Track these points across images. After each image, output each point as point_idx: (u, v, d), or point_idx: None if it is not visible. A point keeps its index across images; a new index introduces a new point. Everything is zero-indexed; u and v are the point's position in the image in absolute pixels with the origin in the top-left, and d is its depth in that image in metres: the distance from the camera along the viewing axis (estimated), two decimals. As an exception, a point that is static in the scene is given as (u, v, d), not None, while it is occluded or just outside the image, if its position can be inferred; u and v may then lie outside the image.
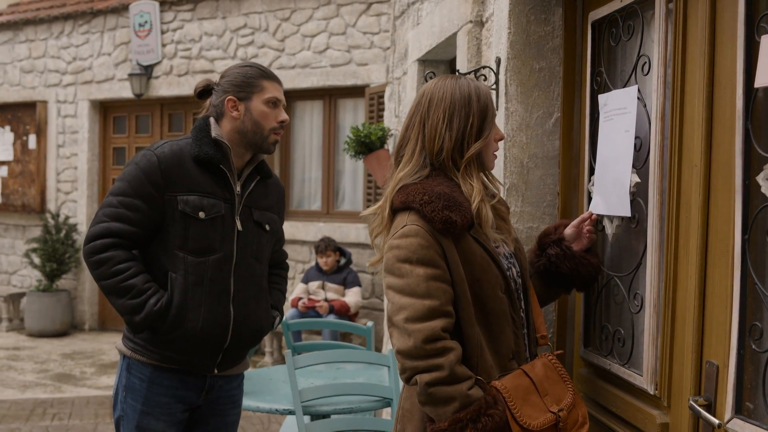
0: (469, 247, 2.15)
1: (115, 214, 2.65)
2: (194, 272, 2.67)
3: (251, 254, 2.80)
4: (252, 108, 2.74)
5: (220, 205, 2.71)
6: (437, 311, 2.06)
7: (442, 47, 4.15)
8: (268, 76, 2.79)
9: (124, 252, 2.65)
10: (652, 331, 2.31)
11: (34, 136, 10.52)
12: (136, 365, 2.74)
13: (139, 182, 2.65)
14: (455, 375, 2.03)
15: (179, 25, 9.38)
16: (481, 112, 2.21)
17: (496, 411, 2.04)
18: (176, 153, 2.69)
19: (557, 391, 2.24)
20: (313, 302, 7.43)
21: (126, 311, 2.64)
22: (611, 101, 2.52)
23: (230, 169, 2.75)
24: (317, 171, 8.82)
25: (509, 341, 2.21)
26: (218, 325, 2.70)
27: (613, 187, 2.47)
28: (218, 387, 2.84)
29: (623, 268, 2.53)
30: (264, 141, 2.77)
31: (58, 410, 6.55)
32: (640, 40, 2.43)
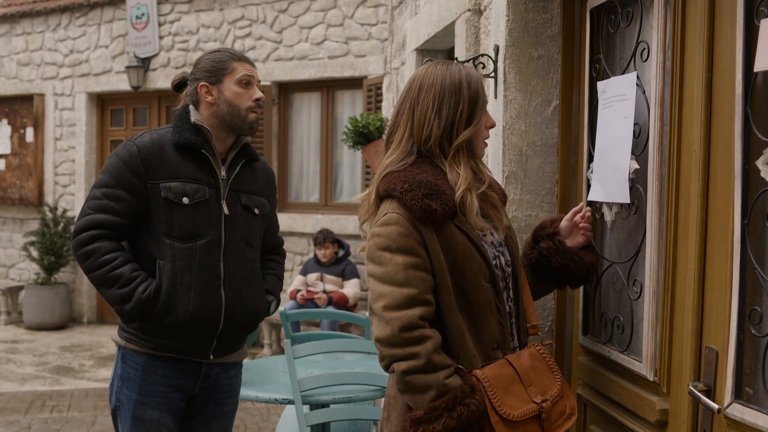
0: (452, 236, 2.13)
1: (99, 206, 2.67)
2: (182, 258, 2.67)
3: (241, 238, 2.80)
4: (225, 90, 2.74)
5: (204, 190, 2.71)
6: (415, 300, 2.06)
7: (440, 36, 4.15)
8: (238, 57, 2.80)
9: (110, 243, 2.66)
10: (651, 318, 2.31)
11: (31, 129, 10.50)
12: (131, 355, 2.74)
13: (120, 173, 2.66)
14: (432, 363, 2.03)
15: (176, 17, 9.36)
16: (472, 99, 2.18)
17: (472, 400, 2.03)
18: (156, 141, 2.70)
19: (543, 381, 2.22)
20: (312, 294, 7.43)
21: (115, 301, 2.65)
22: (610, 88, 2.52)
23: (212, 153, 2.75)
24: (315, 163, 8.82)
25: (493, 330, 2.18)
26: (210, 309, 2.70)
27: (612, 174, 2.46)
28: (215, 375, 2.83)
29: (622, 255, 2.53)
30: (243, 121, 2.76)
31: (57, 403, 6.55)
32: (639, 27, 2.42)
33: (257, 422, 6.04)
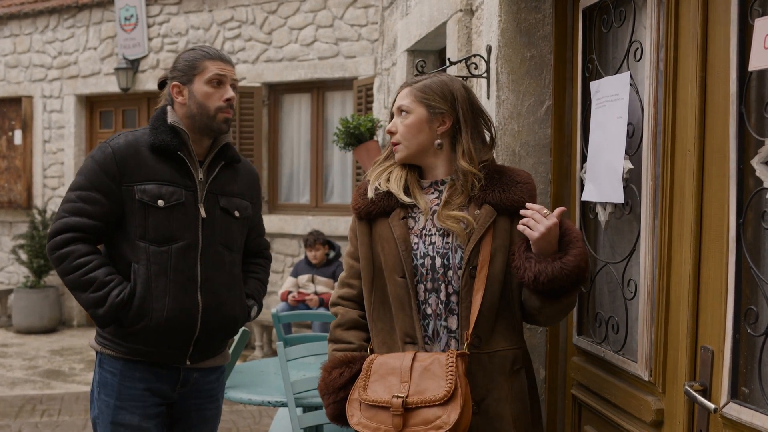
0: (381, 230, 2.37)
1: (73, 209, 2.63)
2: (157, 262, 2.62)
3: (219, 242, 2.74)
4: (194, 90, 2.68)
5: (181, 193, 2.66)
6: (342, 281, 2.49)
7: (431, 37, 4.14)
8: (211, 55, 2.71)
9: (85, 246, 2.62)
10: (646, 318, 2.30)
11: (20, 131, 10.44)
12: (108, 360, 2.70)
13: (95, 175, 2.62)
14: (333, 335, 2.48)
15: (165, 18, 9.32)
16: None
17: (335, 370, 2.36)
18: (131, 143, 2.65)
19: (425, 384, 2.20)
20: (303, 296, 7.41)
21: (89, 305, 2.60)
22: (603, 88, 2.51)
23: (189, 155, 2.69)
24: (306, 164, 8.80)
25: (404, 325, 2.32)
26: (185, 314, 2.65)
27: (605, 174, 2.46)
28: (194, 380, 2.78)
29: (616, 255, 2.53)
30: (212, 122, 2.69)
31: (48, 407, 6.51)
32: (632, 26, 2.42)
33: (249, 425, 6.02)
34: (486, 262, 2.27)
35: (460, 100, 2.35)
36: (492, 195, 2.31)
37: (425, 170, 2.42)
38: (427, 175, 2.42)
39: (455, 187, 2.34)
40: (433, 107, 2.35)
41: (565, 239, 2.24)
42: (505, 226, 2.31)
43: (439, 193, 2.38)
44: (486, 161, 2.36)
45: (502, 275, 2.29)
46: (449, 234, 2.31)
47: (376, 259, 2.38)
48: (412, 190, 2.38)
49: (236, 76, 2.76)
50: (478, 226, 2.28)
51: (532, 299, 2.29)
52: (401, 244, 2.32)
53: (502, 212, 2.31)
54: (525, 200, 2.31)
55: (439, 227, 2.32)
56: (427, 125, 2.35)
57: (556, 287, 2.20)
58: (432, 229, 2.33)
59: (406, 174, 2.40)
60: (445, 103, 2.35)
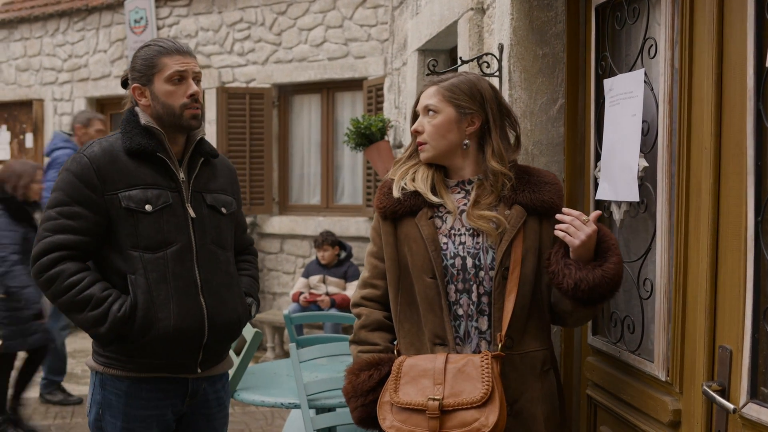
0: (408, 231, 2.33)
1: (56, 227, 2.48)
2: (154, 269, 2.49)
3: (212, 241, 2.63)
4: (156, 90, 2.54)
5: (167, 195, 2.54)
6: (365, 282, 2.46)
7: (442, 36, 4.12)
8: (167, 50, 2.56)
9: (74, 264, 2.47)
10: (662, 317, 2.28)
11: (30, 134, 10.47)
12: (111, 380, 2.55)
13: (74, 188, 2.48)
14: (358, 337, 2.44)
15: (175, 20, 9.33)
16: None
17: (363, 373, 2.33)
18: (107, 150, 2.52)
19: (462, 386, 2.19)
20: (315, 296, 7.40)
21: (89, 325, 2.46)
22: (617, 85, 2.49)
23: (168, 155, 2.57)
24: (316, 165, 8.79)
25: (434, 327, 2.29)
26: (192, 319, 2.53)
27: (620, 173, 2.44)
28: (202, 390, 2.67)
29: (632, 254, 2.51)
30: (180, 120, 2.56)
31: (60, 409, 6.51)
32: (646, 23, 2.40)
33: (261, 426, 6.01)
34: (518, 263, 2.26)
35: (488, 99, 2.33)
36: (522, 195, 2.30)
37: (451, 170, 2.39)
38: (452, 175, 2.39)
39: (484, 186, 2.32)
40: (462, 107, 2.32)
41: (602, 245, 2.23)
42: (535, 226, 2.30)
43: (465, 192, 2.36)
44: (513, 161, 2.35)
45: (533, 276, 2.29)
46: (479, 234, 2.29)
47: (402, 259, 2.35)
48: (438, 190, 2.34)
49: (198, 67, 2.61)
50: (510, 227, 2.26)
51: (564, 303, 2.29)
52: (430, 244, 2.29)
53: (532, 213, 2.30)
54: (554, 201, 2.31)
55: (468, 227, 2.30)
56: (455, 125, 2.32)
57: (595, 295, 2.20)
58: (461, 229, 2.31)
59: (432, 173, 2.37)
60: (474, 103, 2.32)
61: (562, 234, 2.22)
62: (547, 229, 2.32)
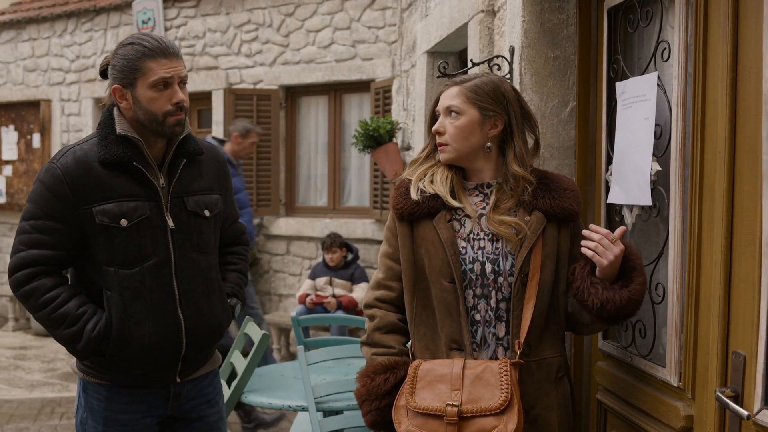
0: (425, 232, 2.30)
1: (29, 241, 2.40)
2: (129, 285, 2.41)
3: (192, 248, 2.52)
4: (139, 96, 2.39)
5: (144, 207, 2.42)
6: (379, 283, 2.42)
7: (452, 38, 4.11)
8: (153, 53, 2.38)
9: (49, 279, 2.41)
10: (675, 322, 2.27)
11: (38, 135, 10.48)
12: (92, 386, 2.52)
13: (47, 201, 2.39)
14: (371, 339, 2.41)
15: (183, 21, 9.33)
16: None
17: (378, 377, 2.30)
18: (81, 160, 2.39)
19: (480, 392, 2.17)
20: (321, 298, 7.38)
21: (65, 341, 2.41)
22: (629, 89, 2.48)
23: (146, 163, 2.44)
24: (323, 167, 8.78)
25: (450, 331, 2.26)
26: (169, 335, 2.47)
27: (632, 176, 2.42)
28: (186, 392, 2.60)
29: (644, 258, 2.49)
30: (162, 127, 2.41)
31: (66, 409, 6.51)
32: (660, 26, 2.39)
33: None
34: (537, 269, 2.24)
35: (511, 102, 2.30)
36: (543, 201, 2.28)
37: (470, 172, 2.36)
38: (471, 177, 2.36)
39: (503, 190, 2.30)
40: (485, 109, 2.29)
41: (628, 264, 2.22)
42: (553, 233, 2.28)
43: (484, 196, 2.33)
44: (530, 165, 2.33)
45: (552, 283, 2.27)
46: (498, 239, 2.26)
47: (418, 261, 2.32)
48: (457, 193, 2.32)
49: (184, 71, 2.45)
50: (531, 233, 2.24)
51: (583, 315, 2.28)
52: (449, 248, 2.26)
53: (551, 219, 2.27)
54: (574, 208, 2.29)
55: (488, 231, 2.28)
56: (478, 127, 2.29)
57: (620, 315, 2.20)
58: (480, 233, 2.29)
59: (451, 176, 2.33)
60: (498, 105, 2.29)
61: (590, 253, 2.20)
62: (564, 235, 2.30)
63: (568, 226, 2.31)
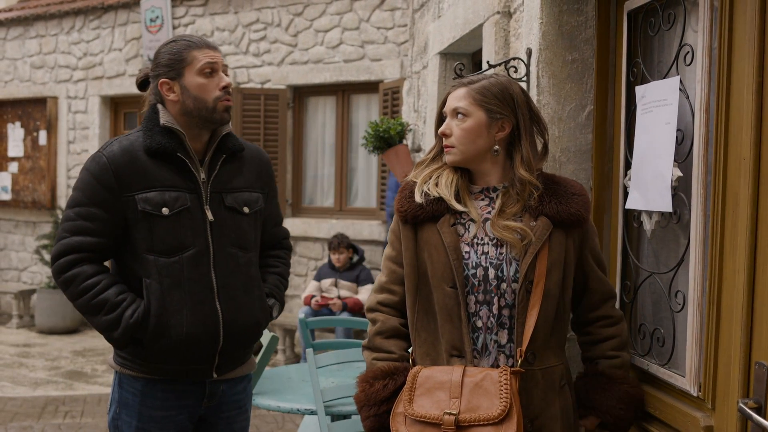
0: (428, 236, 2.25)
1: (74, 228, 2.46)
2: (168, 274, 2.46)
3: (231, 243, 2.57)
4: (187, 84, 2.49)
5: (185, 197, 2.49)
6: (382, 286, 2.38)
7: (465, 40, 4.07)
8: (196, 44, 2.52)
9: (91, 266, 2.46)
10: (695, 331, 2.22)
11: (44, 132, 10.47)
12: (127, 379, 2.56)
13: (92, 189, 2.46)
14: (372, 344, 2.36)
15: (191, 20, 9.31)
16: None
17: (378, 382, 2.27)
18: (127, 149, 2.47)
19: (479, 401, 2.13)
20: (327, 300, 7.36)
21: (103, 328, 2.45)
22: (650, 93, 2.44)
23: (188, 155, 2.52)
24: (330, 167, 8.75)
25: (451, 338, 2.22)
26: (206, 326, 2.50)
27: (652, 182, 2.38)
28: (221, 392, 2.64)
29: (662, 265, 2.45)
30: (213, 113, 2.51)
31: (70, 408, 6.49)
32: (682, 30, 2.34)
33: (272, 430, 5.97)
34: (542, 276, 2.19)
35: (520, 104, 2.26)
36: (549, 207, 2.23)
37: (476, 175, 2.32)
38: (477, 181, 2.32)
39: (509, 195, 2.25)
40: (492, 111, 2.24)
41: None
42: (560, 239, 2.23)
43: (490, 200, 2.29)
44: (538, 169, 2.28)
45: (557, 291, 2.22)
46: (503, 244, 2.22)
47: (421, 265, 2.27)
48: (462, 196, 2.27)
49: (225, 61, 2.58)
50: (536, 239, 2.19)
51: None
52: (452, 252, 2.21)
53: (558, 225, 2.23)
54: (582, 213, 2.24)
55: (492, 236, 2.23)
56: (485, 130, 2.24)
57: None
58: (484, 238, 2.24)
59: (456, 179, 2.29)
60: (506, 107, 2.24)
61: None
62: (572, 242, 2.26)
63: (576, 232, 2.27)
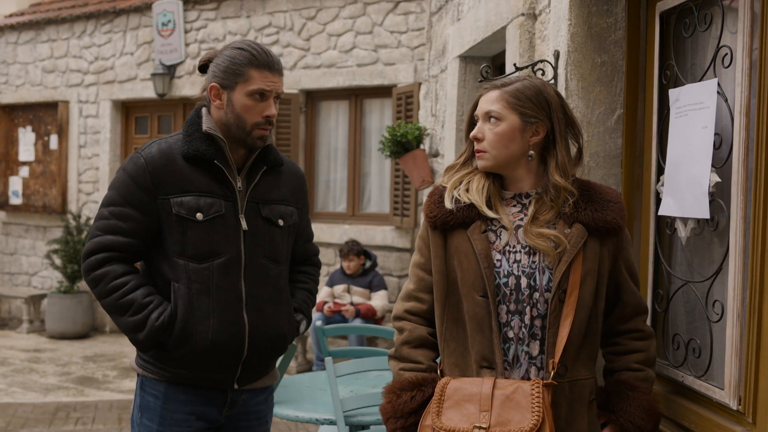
0: (458, 243, 2.19)
1: (107, 227, 2.45)
2: (198, 280, 2.43)
3: (263, 254, 2.53)
4: (234, 99, 2.44)
5: (220, 204, 2.46)
6: (410, 294, 2.31)
7: (487, 42, 4.00)
8: (259, 63, 2.43)
9: (120, 266, 2.44)
10: (735, 342, 2.15)
11: (55, 136, 10.44)
12: (150, 382, 2.53)
13: (128, 189, 2.44)
14: (399, 353, 2.30)
15: (203, 24, 9.27)
16: None
17: (406, 394, 2.20)
18: (165, 152, 2.45)
19: (510, 415, 2.06)
20: (339, 306, 7.29)
21: (128, 329, 2.43)
22: (684, 96, 2.37)
23: (227, 163, 2.48)
24: (342, 172, 8.68)
25: (481, 348, 2.15)
26: (231, 335, 2.45)
27: (688, 188, 2.31)
28: (242, 402, 2.59)
29: (698, 273, 2.38)
30: (247, 137, 2.46)
31: (82, 414, 6.43)
32: (720, 31, 2.27)
33: (285, 437, 5.91)
34: (576, 286, 2.11)
35: (555, 108, 2.17)
36: (584, 214, 2.15)
37: (508, 181, 2.24)
38: (509, 186, 2.24)
39: (543, 201, 2.17)
40: (527, 115, 2.16)
41: None
42: (595, 247, 2.14)
43: (522, 206, 2.21)
44: (572, 175, 2.21)
45: (591, 301, 2.14)
46: (536, 252, 2.13)
47: (451, 273, 2.20)
48: (493, 203, 2.19)
49: (282, 88, 2.51)
50: (570, 247, 2.11)
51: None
52: (483, 260, 2.13)
53: (593, 233, 2.14)
54: (617, 221, 2.16)
55: (524, 244, 2.15)
56: (519, 134, 2.16)
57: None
58: (516, 246, 2.16)
59: (487, 184, 2.21)
60: (540, 111, 2.16)
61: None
62: (607, 251, 2.18)
63: (611, 240, 2.19)
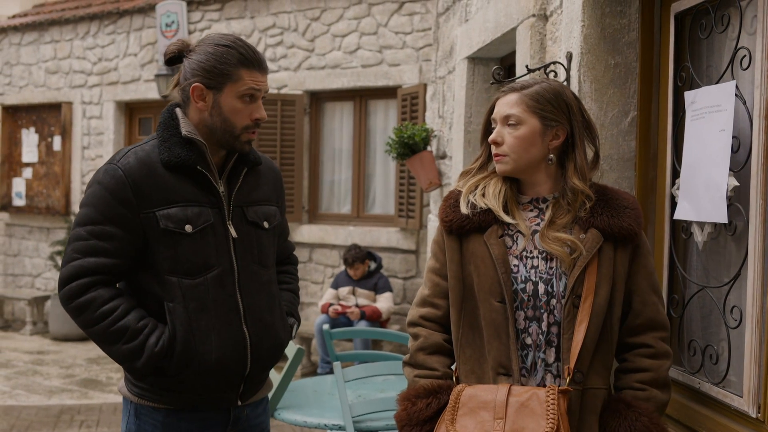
0: (474, 248, 2.16)
1: (86, 248, 2.23)
2: (194, 297, 2.26)
3: (254, 261, 2.39)
4: (222, 102, 2.27)
5: (208, 213, 2.29)
6: (425, 300, 2.28)
7: (496, 44, 3.96)
8: (248, 61, 2.28)
9: (106, 290, 2.24)
10: (753, 349, 2.11)
11: (59, 137, 10.41)
12: (147, 411, 2.33)
13: (106, 205, 2.22)
14: (414, 360, 2.26)
15: (207, 25, 9.24)
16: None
17: (421, 401, 2.17)
18: (144, 161, 2.25)
19: (525, 423, 2.02)
20: (344, 308, 7.25)
21: (123, 358, 2.23)
22: (701, 98, 2.33)
23: (209, 168, 2.31)
24: (347, 173, 8.65)
25: (498, 355, 2.12)
26: (235, 350, 2.31)
27: (705, 192, 2.27)
28: (245, 417, 2.45)
29: (715, 279, 2.34)
30: (235, 141, 2.31)
31: (86, 417, 6.40)
32: (738, 32, 2.24)
33: (291, 441, 5.87)
34: (591, 291, 2.07)
35: (574, 111, 2.15)
36: (600, 219, 2.11)
37: (525, 185, 2.21)
38: (526, 191, 2.21)
39: (560, 205, 2.14)
40: (547, 119, 2.12)
41: None
42: (610, 253, 2.11)
43: (539, 211, 2.17)
44: (590, 179, 2.18)
45: (606, 308, 2.10)
46: (553, 258, 2.10)
47: (467, 278, 2.16)
48: (510, 207, 2.16)
49: (268, 86, 2.36)
50: (585, 252, 2.08)
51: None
52: (500, 265, 2.10)
53: (608, 238, 2.11)
54: (633, 228, 2.12)
55: (541, 249, 2.12)
56: (540, 138, 2.13)
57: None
58: (533, 251, 2.13)
59: (504, 189, 2.18)
60: (561, 114, 2.13)
61: None
62: (622, 257, 2.13)
63: (627, 247, 2.14)
